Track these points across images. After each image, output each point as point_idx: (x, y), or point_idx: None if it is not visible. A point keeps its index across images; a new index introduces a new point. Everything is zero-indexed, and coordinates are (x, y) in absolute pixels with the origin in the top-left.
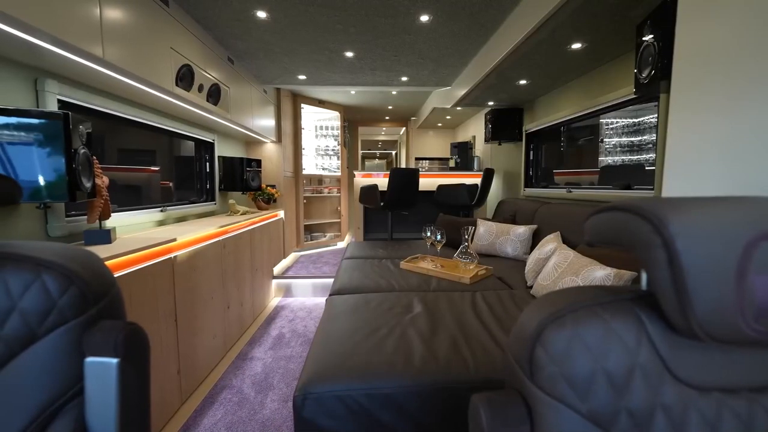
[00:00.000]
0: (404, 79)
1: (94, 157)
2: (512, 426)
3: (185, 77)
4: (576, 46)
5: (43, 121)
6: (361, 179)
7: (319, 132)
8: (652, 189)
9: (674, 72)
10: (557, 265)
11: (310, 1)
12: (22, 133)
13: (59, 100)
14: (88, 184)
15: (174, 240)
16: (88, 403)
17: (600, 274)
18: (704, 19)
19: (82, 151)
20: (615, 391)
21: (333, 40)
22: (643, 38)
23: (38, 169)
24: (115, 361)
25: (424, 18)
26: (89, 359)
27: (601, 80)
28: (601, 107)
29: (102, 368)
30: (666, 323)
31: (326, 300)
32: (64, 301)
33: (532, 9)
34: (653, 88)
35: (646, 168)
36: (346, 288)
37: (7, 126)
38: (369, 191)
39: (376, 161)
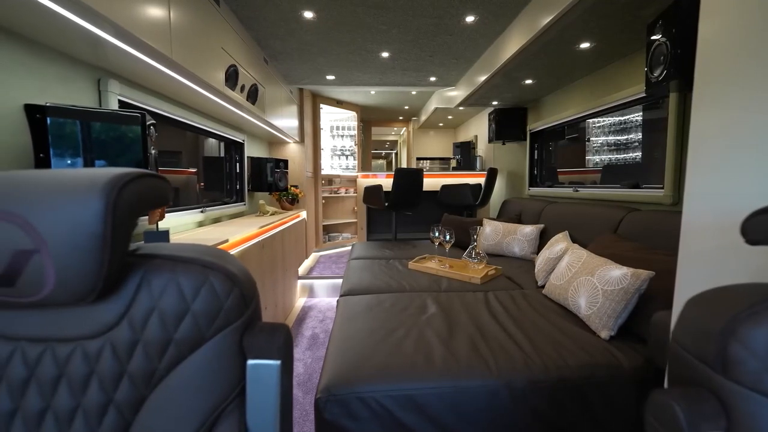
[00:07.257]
0: (432, 79)
1: None
2: (711, 420)
3: (231, 77)
4: (584, 45)
5: (122, 123)
6: (362, 180)
7: (335, 132)
8: (662, 188)
9: (697, 69)
10: (571, 265)
11: (360, 1)
12: (110, 135)
13: (119, 101)
14: None
15: (227, 241)
16: (249, 404)
17: (616, 273)
18: (730, 12)
19: (153, 152)
20: None
21: (373, 40)
22: (655, 37)
23: None
24: (277, 363)
25: (470, 18)
26: (252, 361)
27: (607, 79)
28: (608, 106)
29: (265, 370)
30: None
31: (338, 300)
32: (229, 302)
33: (541, 9)
34: (665, 87)
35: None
36: (356, 289)
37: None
38: (373, 191)
39: (379, 161)
